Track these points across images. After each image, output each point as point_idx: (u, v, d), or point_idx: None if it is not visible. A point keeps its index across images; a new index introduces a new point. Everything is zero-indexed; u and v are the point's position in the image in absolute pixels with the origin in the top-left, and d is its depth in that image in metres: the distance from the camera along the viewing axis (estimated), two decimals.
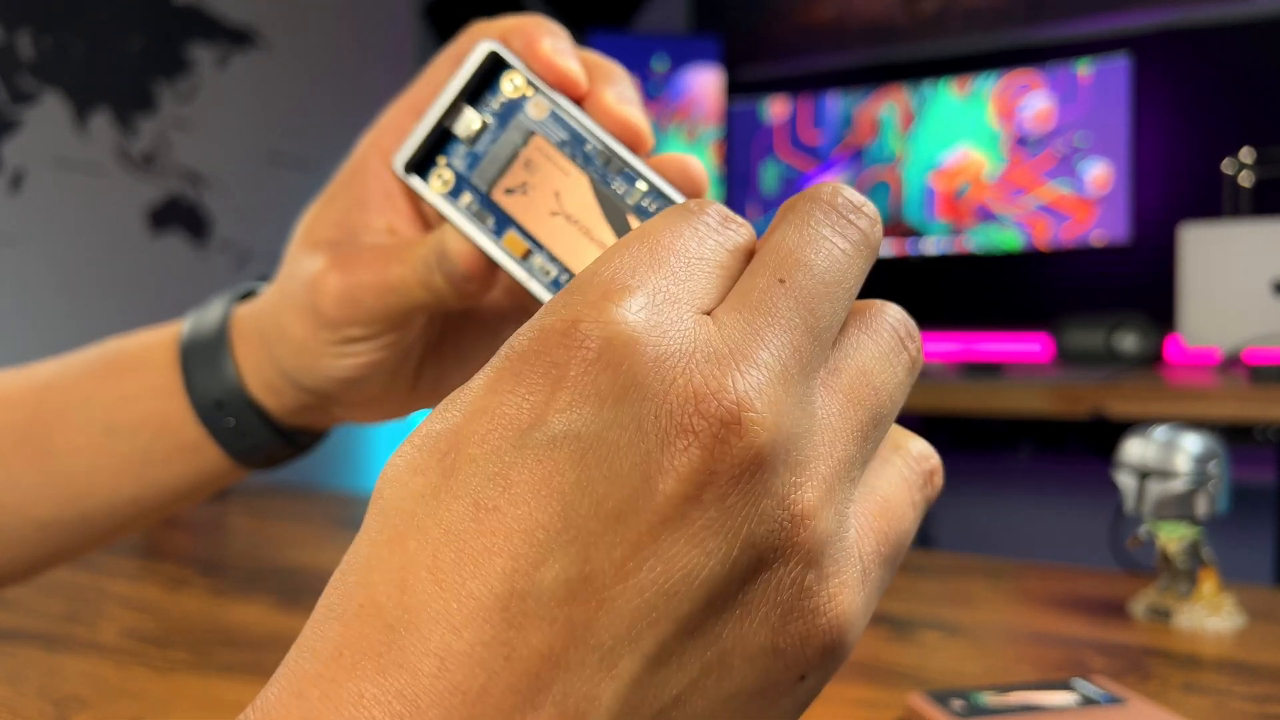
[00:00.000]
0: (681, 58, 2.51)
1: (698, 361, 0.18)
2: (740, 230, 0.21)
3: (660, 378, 0.18)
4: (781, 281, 0.20)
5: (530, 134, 0.30)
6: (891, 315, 0.22)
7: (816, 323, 0.20)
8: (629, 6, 2.85)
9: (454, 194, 0.31)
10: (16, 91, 2.23)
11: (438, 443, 0.18)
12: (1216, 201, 2.02)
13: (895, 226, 2.31)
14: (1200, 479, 0.65)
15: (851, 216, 0.21)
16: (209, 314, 0.40)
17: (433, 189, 0.31)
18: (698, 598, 0.17)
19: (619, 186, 0.29)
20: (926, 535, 2.37)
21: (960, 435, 2.22)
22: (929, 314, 2.43)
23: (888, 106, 2.31)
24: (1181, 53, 2.16)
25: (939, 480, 0.24)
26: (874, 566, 0.20)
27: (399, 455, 0.19)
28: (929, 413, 2.10)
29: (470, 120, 0.30)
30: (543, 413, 0.17)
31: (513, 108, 0.30)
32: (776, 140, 2.42)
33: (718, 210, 0.21)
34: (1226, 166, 1.94)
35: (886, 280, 2.49)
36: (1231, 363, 1.76)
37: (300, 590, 0.69)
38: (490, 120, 0.30)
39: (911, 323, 0.22)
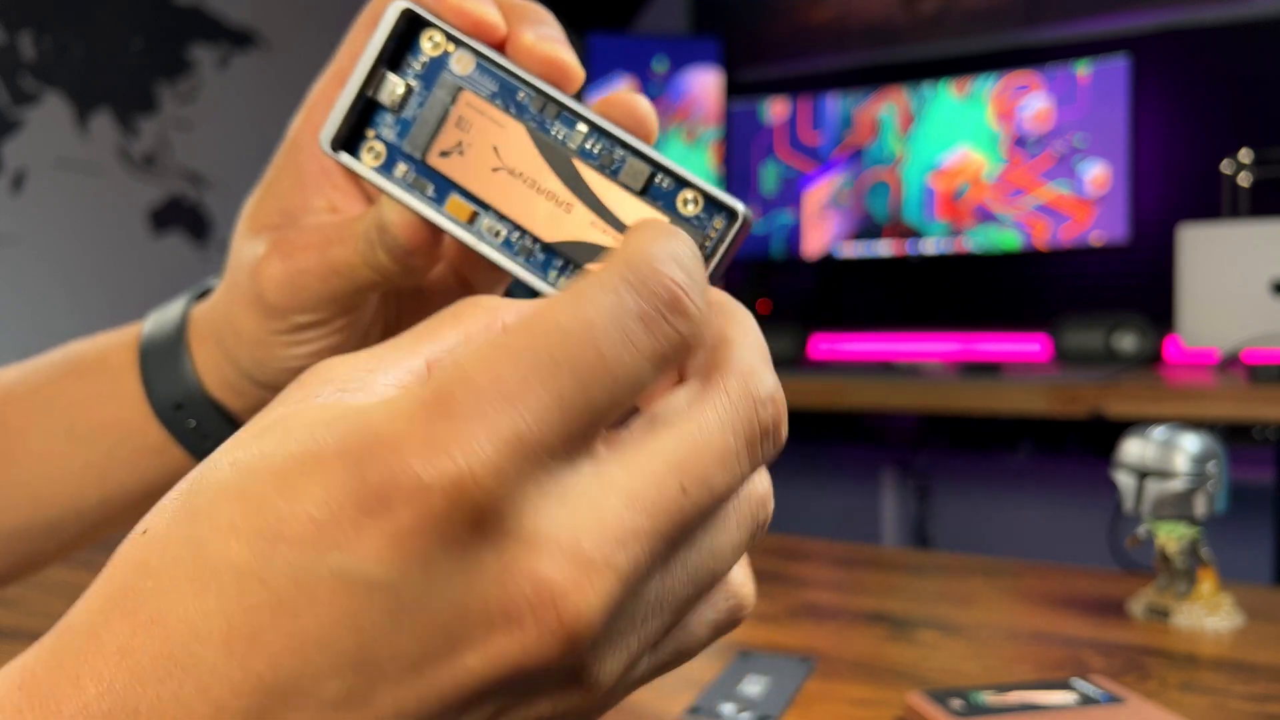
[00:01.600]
0: (681, 59, 2.51)
1: (549, 550, 0.17)
2: (684, 326, 0.19)
3: (500, 563, 0.17)
4: (684, 491, 0.19)
5: (458, 90, 0.28)
6: (760, 510, 0.21)
7: (688, 541, 0.19)
8: (629, 8, 2.85)
9: (388, 166, 0.29)
10: (18, 92, 2.23)
11: (248, 502, 0.17)
12: (1215, 202, 2.02)
13: (895, 227, 2.31)
14: (1199, 479, 0.65)
15: (766, 443, 0.20)
16: (168, 314, 0.39)
17: (365, 164, 0.29)
18: None
19: (559, 131, 0.27)
20: (925, 535, 2.38)
21: (959, 435, 2.23)
22: (928, 314, 2.43)
23: (887, 107, 2.32)
24: (1180, 54, 2.17)
25: (745, 612, 0.23)
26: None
27: (218, 483, 0.18)
28: (928, 413, 2.11)
29: (394, 86, 0.28)
30: (357, 547, 0.17)
31: (436, 66, 0.28)
32: (776, 141, 2.42)
33: (662, 294, 0.19)
34: (1225, 167, 1.94)
35: (886, 281, 2.49)
36: (1230, 363, 1.76)
37: None
38: (415, 83, 0.28)
39: (768, 516, 0.22)
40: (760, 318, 2.33)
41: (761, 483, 0.22)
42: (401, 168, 0.29)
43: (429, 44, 0.28)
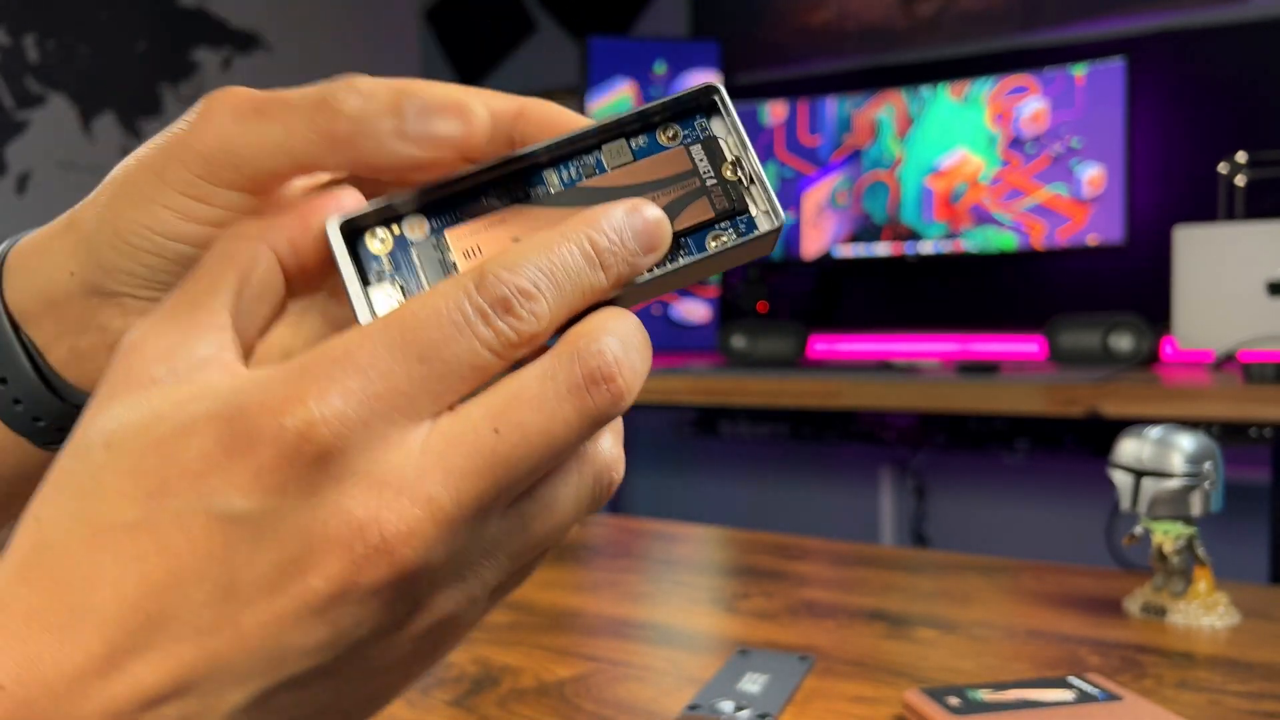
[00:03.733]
0: (681, 62, 2.52)
1: (378, 486, 0.20)
2: (520, 325, 0.22)
3: (340, 493, 0.20)
4: (496, 432, 0.21)
5: (437, 240, 0.26)
6: (605, 471, 0.24)
7: (519, 488, 0.22)
8: (629, 12, 2.86)
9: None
10: (22, 94, 2.24)
11: (136, 473, 0.21)
12: (1211, 203, 2.03)
13: (893, 228, 2.32)
14: (1195, 478, 0.66)
15: (596, 390, 0.22)
16: None
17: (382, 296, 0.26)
18: (305, 667, 0.21)
19: (539, 187, 0.27)
20: (922, 534, 2.38)
21: (956, 434, 2.23)
22: (926, 315, 2.43)
23: (885, 109, 2.32)
24: (1176, 56, 2.18)
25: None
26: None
27: (109, 424, 0.21)
28: (926, 412, 2.11)
29: (387, 294, 0.26)
30: (226, 484, 0.20)
31: (402, 250, 0.26)
32: (776, 143, 2.43)
33: (498, 295, 0.22)
34: (1221, 169, 1.95)
35: (884, 282, 2.50)
36: (1225, 363, 1.77)
37: None
38: (401, 279, 0.26)
39: (614, 480, 0.24)
40: (759, 318, 2.34)
41: (606, 445, 0.24)
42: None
43: (377, 243, 0.26)
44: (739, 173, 0.27)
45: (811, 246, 2.40)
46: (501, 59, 3.04)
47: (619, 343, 0.22)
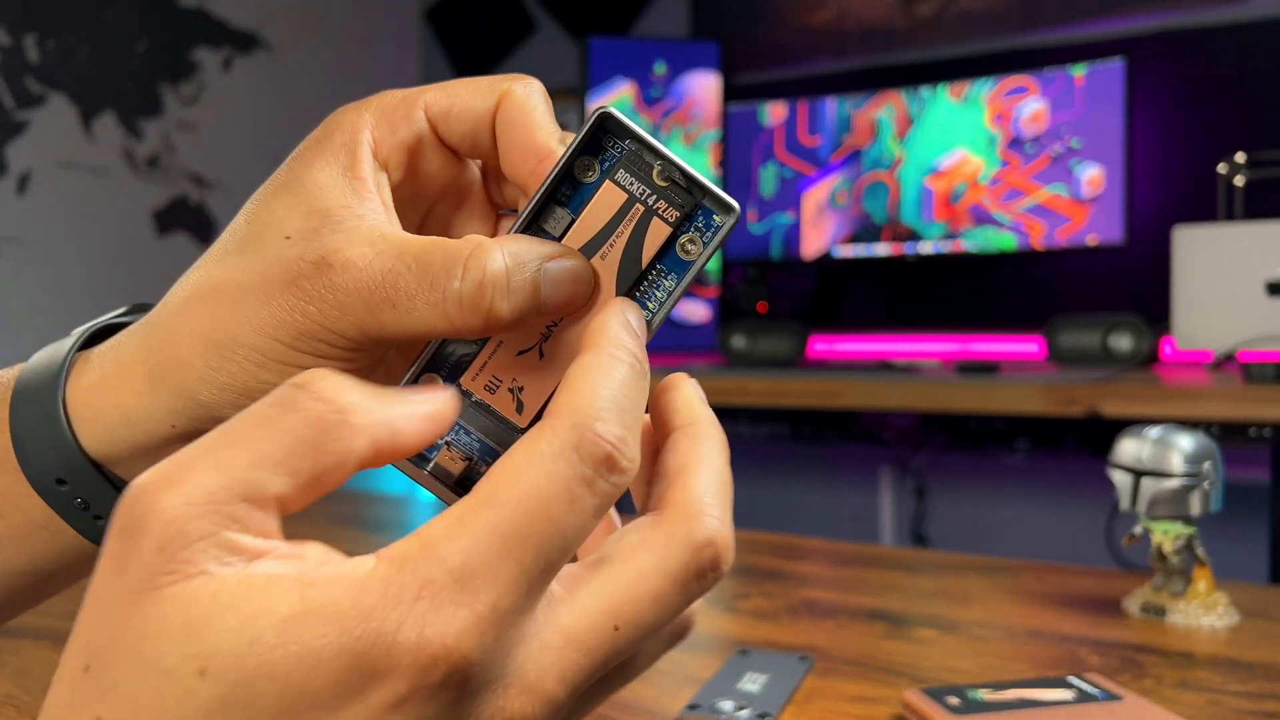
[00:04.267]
0: (681, 62, 2.52)
1: (515, 690, 0.21)
2: (623, 479, 0.22)
3: (475, 704, 0.20)
4: (615, 629, 0.22)
5: (460, 392, 0.28)
6: (682, 629, 0.26)
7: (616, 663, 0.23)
8: (628, 12, 2.86)
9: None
10: (23, 94, 2.24)
11: (254, 708, 0.19)
12: (1210, 204, 2.03)
13: (893, 228, 2.32)
14: (1194, 478, 0.66)
15: (709, 580, 0.23)
16: (42, 365, 0.32)
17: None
18: None
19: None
20: (922, 534, 2.38)
21: (956, 434, 2.23)
22: (926, 315, 2.44)
23: (885, 110, 2.32)
24: (1176, 56, 2.18)
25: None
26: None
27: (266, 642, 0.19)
28: (926, 412, 2.11)
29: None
30: (367, 712, 0.19)
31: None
32: (776, 143, 2.43)
33: (599, 456, 0.21)
34: (1220, 169, 1.95)
35: (884, 282, 2.50)
36: (1225, 363, 1.77)
37: None
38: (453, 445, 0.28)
39: (689, 630, 0.26)
40: (759, 318, 2.34)
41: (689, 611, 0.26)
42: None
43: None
44: (670, 177, 0.28)
45: (811, 246, 2.40)
46: (501, 59, 3.04)
47: (724, 518, 0.23)
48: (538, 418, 0.28)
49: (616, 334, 0.25)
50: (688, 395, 0.28)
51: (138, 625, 0.19)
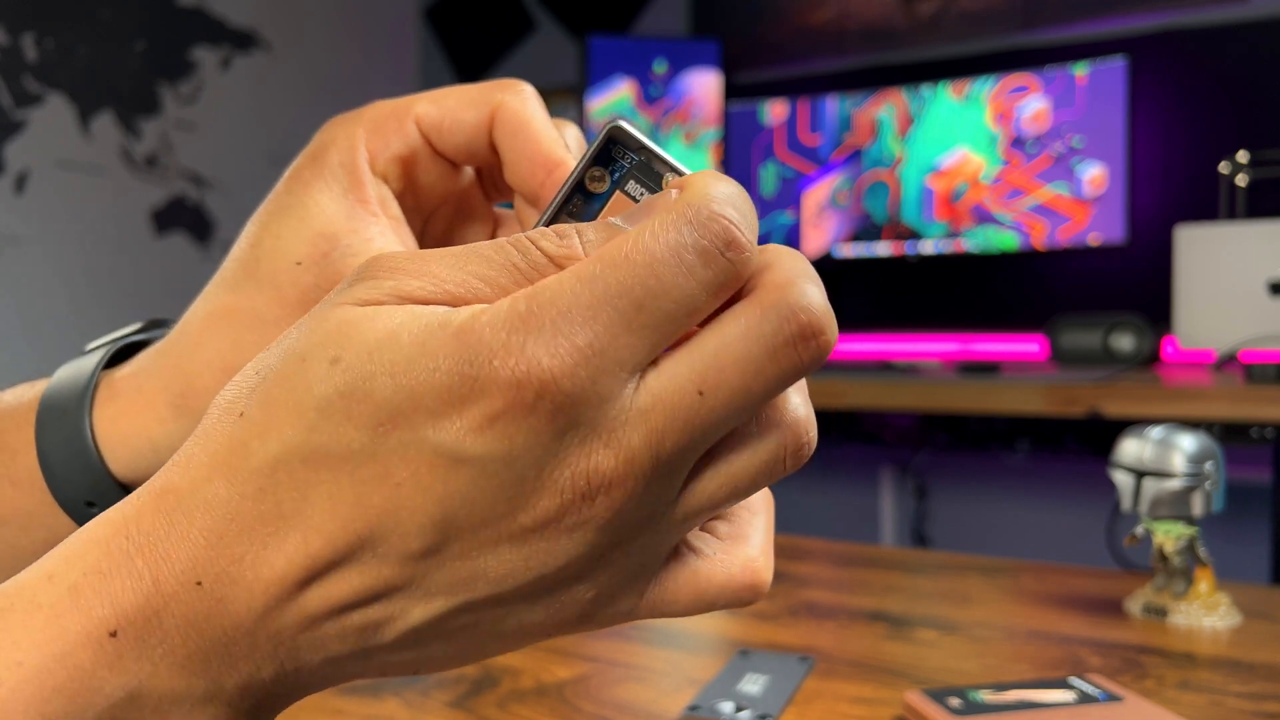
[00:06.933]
0: (681, 61, 2.52)
1: (589, 440, 0.21)
2: (736, 257, 0.21)
3: (561, 445, 0.21)
4: (700, 394, 0.21)
5: None
6: (793, 435, 0.24)
7: (707, 440, 0.22)
8: (629, 11, 2.85)
9: None
10: (20, 93, 2.24)
11: (368, 399, 0.21)
12: (1212, 203, 2.03)
13: (893, 228, 2.31)
14: (1196, 478, 0.66)
15: (806, 346, 0.22)
16: (66, 385, 0.33)
17: None
18: (505, 592, 0.22)
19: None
20: (923, 535, 2.38)
21: (957, 434, 2.23)
22: (926, 315, 2.43)
23: (886, 109, 2.32)
24: (1178, 55, 2.17)
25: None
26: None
27: (358, 368, 0.21)
28: (927, 412, 2.11)
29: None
30: (457, 427, 0.20)
31: None
32: (776, 142, 2.43)
33: (718, 230, 0.21)
34: (1222, 168, 1.95)
35: (885, 281, 2.50)
36: (1227, 363, 1.77)
37: None
38: None
39: (811, 441, 0.24)
40: None
41: (797, 403, 0.24)
42: None
43: None
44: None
45: (812, 246, 2.39)
46: (501, 58, 3.04)
47: (820, 292, 0.22)
48: None
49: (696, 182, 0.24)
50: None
51: (305, 332, 0.22)
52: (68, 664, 0.20)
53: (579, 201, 0.28)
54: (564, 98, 2.68)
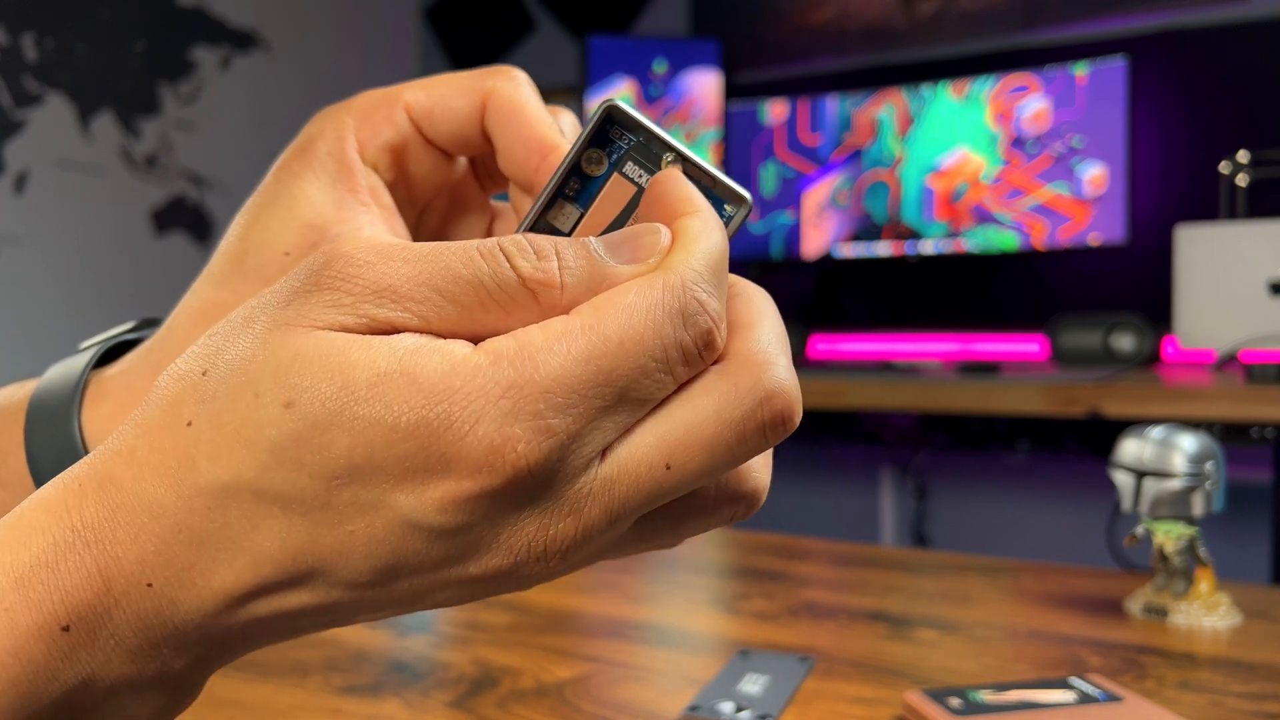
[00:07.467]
0: (681, 61, 2.52)
1: (552, 513, 0.21)
2: (710, 357, 0.22)
3: (520, 517, 0.21)
4: (667, 468, 0.22)
5: None
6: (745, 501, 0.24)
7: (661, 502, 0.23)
8: (629, 11, 2.85)
9: None
10: (20, 93, 2.24)
11: (324, 452, 0.20)
12: (1213, 203, 2.03)
13: (894, 228, 2.31)
14: (1196, 478, 0.66)
15: (775, 432, 0.22)
16: (56, 386, 0.32)
17: None
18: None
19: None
20: (923, 535, 2.38)
21: (957, 435, 2.23)
22: (927, 315, 2.43)
23: (886, 109, 2.32)
24: (1178, 55, 2.17)
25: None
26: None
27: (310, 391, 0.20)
28: (927, 412, 2.11)
29: None
30: (420, 497, 0.20)
31: None
32: (776, 142, 2.43)
33: (701, 332, 0.21)
34: (1223, 168, 1.95)
35: (885, 281, 2.50)
36: (1227, 363, 1.77)
37: None
38: None
39: (757, 505, 0.25)
40: None
41: (758, 474, 0.24)
42: None
43: None
44: (682, 169, 0.27)
45: (812, 246, 2.39)
46: (501, 58, 3.04)
47: (788, 363, 0.22)
48: None
49: (690, 203, 0.24)
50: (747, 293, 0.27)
51: (258, 351, 0.21)
52: (21, 658, 0.20)
53: (575, 184, 0.27)
54: (564, 97, 2.68)
